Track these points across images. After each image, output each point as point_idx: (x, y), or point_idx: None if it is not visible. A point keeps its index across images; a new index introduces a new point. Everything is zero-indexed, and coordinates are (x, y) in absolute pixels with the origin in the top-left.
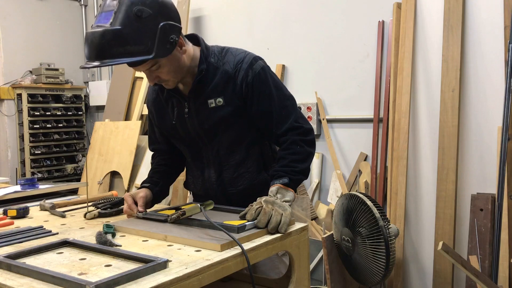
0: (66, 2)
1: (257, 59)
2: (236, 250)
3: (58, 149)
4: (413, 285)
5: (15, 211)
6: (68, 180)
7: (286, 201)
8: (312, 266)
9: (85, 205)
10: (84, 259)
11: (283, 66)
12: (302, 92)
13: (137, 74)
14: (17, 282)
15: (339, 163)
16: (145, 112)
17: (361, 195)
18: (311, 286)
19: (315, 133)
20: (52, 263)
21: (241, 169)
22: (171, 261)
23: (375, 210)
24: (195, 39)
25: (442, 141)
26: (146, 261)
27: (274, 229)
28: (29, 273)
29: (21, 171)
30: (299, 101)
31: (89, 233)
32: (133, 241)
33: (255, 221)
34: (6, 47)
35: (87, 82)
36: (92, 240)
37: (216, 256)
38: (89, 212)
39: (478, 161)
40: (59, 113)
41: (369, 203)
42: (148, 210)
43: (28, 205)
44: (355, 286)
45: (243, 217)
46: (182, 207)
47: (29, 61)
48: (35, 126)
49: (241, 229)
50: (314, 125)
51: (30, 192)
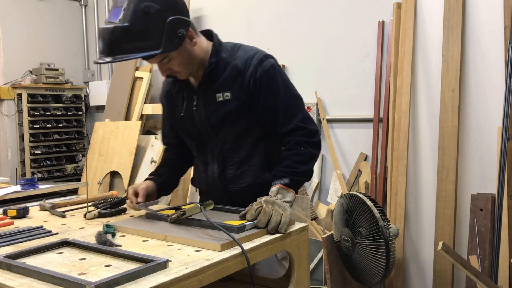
0: (66, 2)
1: (268, 56)
2: (236, 250)
3: (58, 149)
4: (413, 285)
5: (15, 211)
6: (68, 180)
7: (286, 202)
8: (312, 266)
9: (85, 205)
10: (84, 259)
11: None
12: (302, 92)
13: (137, 74)
14: (17, 282)
15: (339, 163)
16: (145, 112)
17: (361, 195)
18: (311, 286)
19: None
20: (52, 263)
21: (244, 167)
22: (171, 261)
23: (375, 210)
24: (209, 34)
25: (442, 141)
26: (146, 261)
27: (274, 229)
28: (29, 273)
29: (21, 171)
30: None
31: (89, 233)
32: (133, 241)
33: (255, 221)
34: (6, 47)
35: (87, 82)
36: (92, 240)
37: (216, 256)
38: (89, 212)
39: (478, 161)
40: (59, 113)
41: (369, 203)
42: (151, 207)
43: (28, 205)
44: (355, 286)
45: (243, 217)
46: (182, 207)
47: (29, 61)
48: (35, 126)
49: (241, 229)
50: None
51: (30, 192)
